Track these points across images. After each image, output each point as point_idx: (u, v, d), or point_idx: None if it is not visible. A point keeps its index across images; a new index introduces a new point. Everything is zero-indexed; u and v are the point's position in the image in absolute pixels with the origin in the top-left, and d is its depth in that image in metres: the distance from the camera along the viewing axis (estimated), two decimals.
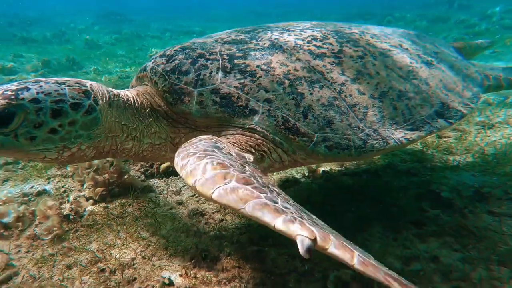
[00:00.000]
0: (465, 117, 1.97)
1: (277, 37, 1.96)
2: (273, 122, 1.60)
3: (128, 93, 1.77)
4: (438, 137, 3.52)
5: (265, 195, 1.16)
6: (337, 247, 1.01)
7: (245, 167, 1.35)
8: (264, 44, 1.89)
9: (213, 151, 1.39)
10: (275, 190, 1.28)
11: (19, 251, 1.96)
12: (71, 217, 2.36)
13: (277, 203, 1.14)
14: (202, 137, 1.53)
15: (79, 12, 23.97)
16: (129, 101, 1.72)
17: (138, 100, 1.76)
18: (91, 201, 2.61)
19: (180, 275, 1.75)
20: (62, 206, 2.49)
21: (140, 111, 1.73)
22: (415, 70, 2.01)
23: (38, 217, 2.29)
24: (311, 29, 2.09)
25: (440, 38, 2.79)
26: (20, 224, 2.22)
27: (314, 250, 1.01)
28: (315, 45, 1.91)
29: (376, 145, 1.64)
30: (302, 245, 0.99)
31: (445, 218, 2.15)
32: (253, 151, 1.59)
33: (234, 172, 1.23)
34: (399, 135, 1.70)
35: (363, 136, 1.64)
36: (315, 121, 1.62)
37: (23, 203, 2.57)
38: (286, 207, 1.14)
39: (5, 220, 2.18)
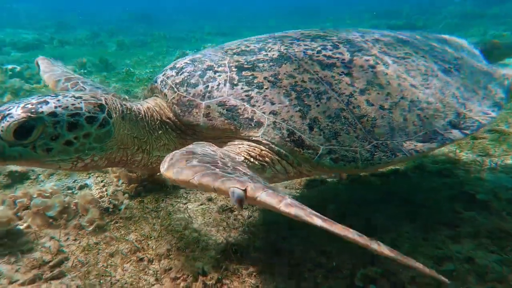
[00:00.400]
0: (484, 126, 1.88)
1: (286, 47, 1.94)
2: (279, 134, 1.61)
3: (140, 106, 1.84)
4: (473, 139, 3.39)
5: (220, 169, 1.21)
6: (269, 195, 1.06)
7: (224, 159, 1.40)
8: (273, 55, 1.89)
9: (195, 148, 1.46)
10: (247, 174, 1.31)
11: (67, 238, 2.14)
12: (110, 209, 2.53)
13: (231, 174, 1.19)
14: (195, 143, 1.60)
15: (110, 14, 25.06)
16: (141, 114, 1.79)
17: (149, 113, 1.82)
18: (126, 195, 2.78)
19: (213, 267, 1.84)
20: (102, 199, 2.68)
21: (151, 124, 1.80)
22: (429, 78, 1.93)
23: (80, 209, 2.48)
24: (322, 38, 2.06)
25: (465, 39, 2.66)
26: (65, 215, 2.41)
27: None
28: (324, 55, 1.89)
29: (383, 157, 1.62)
30: (232, 195, 1.04)
31: (480, 220, 2.09)
32: (252, 160, 1.60)
33: (199, 156, 1.30)
34: (408, 147, 1.66)
35: (371, 148, 1.63)
36: (321, 133, 1.62)
37: (67, 195, 2.78)
38: (239, 177, 1.19)
39: (50, 213, 2.37)
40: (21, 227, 2.26)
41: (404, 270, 1.69)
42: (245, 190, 1.06)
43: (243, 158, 1.58)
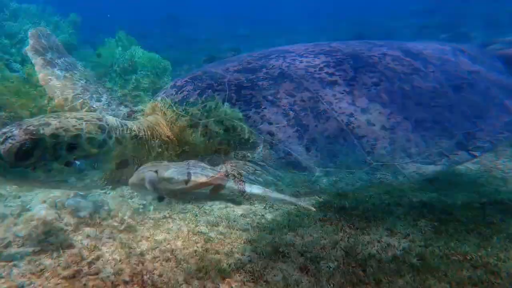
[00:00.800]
0: (495, 147, 1.80)
1: (288, 64, 1.91)
2: (274, 155, 1.61)
3: (140, 125, 1.85)
4: (511, 146, 3.23)
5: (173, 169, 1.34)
6: (174, 171, 1.24)
7: (189, 163, 1.51)
8: (274, 72, 1.87)
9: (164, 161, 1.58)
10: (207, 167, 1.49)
11: (102, 236, 2.29)
12: (140, 210, 2.67)
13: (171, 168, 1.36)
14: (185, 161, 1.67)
15: (139, 18, 25.99)
16: (141, 133, 1.80)
17: (149, 132, 1.83)
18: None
19: (237, 268, 1.91)
20: (132, 200, 2.83)
21: (150, 143, 1.81)
22: (437, 96, 1.85)
23: (112, 209, 2.64)
24: (325, 54, 2.01)
25: (486, 48, 2.50)
26: (99, 214, 2.57)
27: None
28: (326, 73, 1.85)
29: (383, 180, 1.60)
30: (146, 178, 1.23)
31: None
32: (244, 178, 1.58)
33: (157, 162, 1.45)
34: (410, 169, 1.62)
35: (370, 171, 1.60)
36: (318, 154, 1.60)
37: (100, 195, 2.96)
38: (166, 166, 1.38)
39: (81, 213, 2.52)
40: (61, 224, 2.44)
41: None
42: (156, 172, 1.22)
43: (227, 166, 1.61)
